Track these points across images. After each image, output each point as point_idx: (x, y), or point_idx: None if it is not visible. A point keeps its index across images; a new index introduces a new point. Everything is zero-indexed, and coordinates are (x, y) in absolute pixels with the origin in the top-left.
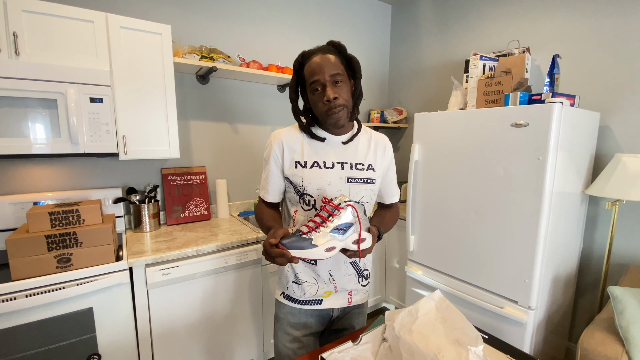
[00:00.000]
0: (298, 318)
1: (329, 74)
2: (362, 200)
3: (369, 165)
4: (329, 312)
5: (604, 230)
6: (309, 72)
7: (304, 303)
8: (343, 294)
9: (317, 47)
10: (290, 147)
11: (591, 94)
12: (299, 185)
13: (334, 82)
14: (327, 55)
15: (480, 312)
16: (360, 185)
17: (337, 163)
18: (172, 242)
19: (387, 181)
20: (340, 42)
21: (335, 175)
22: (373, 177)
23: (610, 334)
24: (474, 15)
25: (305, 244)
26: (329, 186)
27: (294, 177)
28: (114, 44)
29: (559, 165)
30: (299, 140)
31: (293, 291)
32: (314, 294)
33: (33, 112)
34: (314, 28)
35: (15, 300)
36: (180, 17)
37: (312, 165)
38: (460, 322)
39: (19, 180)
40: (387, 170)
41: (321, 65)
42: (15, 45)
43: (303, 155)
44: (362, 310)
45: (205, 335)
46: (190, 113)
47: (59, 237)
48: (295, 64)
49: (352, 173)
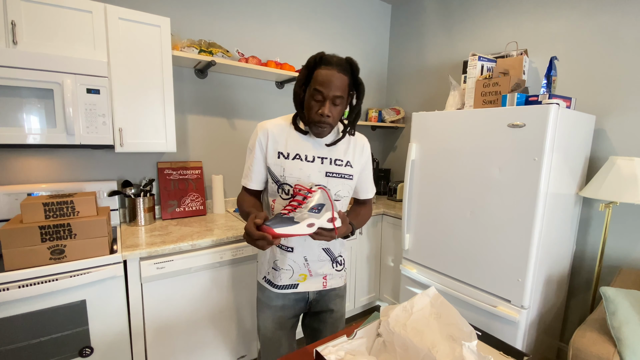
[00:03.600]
0: (276, 301)
1: (333, 93)
2: (338, 194)
3: (347, 161)
4: (305, 295)
5: (597, 231)
6: (318, 79)
7: (282, 287)
8: (318, 278)
9: (336, 58)
10: (274, 137)
11: (587, 96)
12: (280, 176)
13: (333, 101)
14: (340, 75)
15: (474, 310)
16: (338, 180)
17: (318, 157)
18: (167, 236)
19: (363, 178)
20: (357, 64)
21: (315, 169)
22: (351, 173)
23: (602, 334)
24: (473, 16)
25: (287, 222)
26: (307, 178)
27: (276, 167)
28: (112, 35)
29: (554, 166)
30: (284, 132)
31: (272, 276)
32: (290, 277)
33: (29, 102)
34: (313, 26)
35: (8, 290)
36: (180, 10)
37: (294, 157)
38: (455, 318)
39: (13, 170)
40: (364, 168)
41: (331, 82)
42: (13, 34)
43: (286, 147)
44: (339, 293)
45: (199, 329)
46: (187, 107)
47: (53, 228)
48: (310, 61)
49: (331, 168)
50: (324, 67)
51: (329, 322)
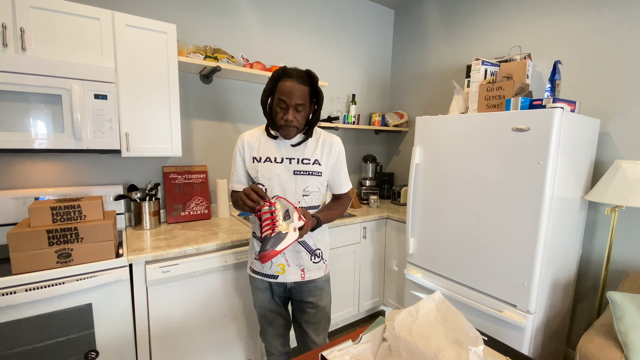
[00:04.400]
0: (261, 285)
1: (295, 102)
2: (307, 189)
3: (315, 160)
4: (283, 284)
5: (603, 236)
6: (282, 90)
7: (264, 276)
8: (296, 269)
9: (296, 72)
10: (250, 145)
11: (591, 100)
12: (254, 177)
13: (296, 108)
14: (301, 86)
15: (480, 315)
16: (306, 177)
17: (286, 158)
18: (172, 240)
19: (335, 174)
20: (315, 75)
21: (284, 169)
22: (319, 170)
23: (609, 339)
24: (475, 21)
25: (280, 237)
26: (277, 177)
27: (252, 170)
28: (119, 42)
29: (559, 170)
30: (258, 139)
31: (255, 265)
32: (270, 268)
33: (36, 107)
34: (317, 31)
35: (15, 294)
36: (186, 16)
37: (265, 160)
38: (461, 322)
39: (21, 175)
40: (335, 165)
41: (292, 92)
42: (22, 40)
43: (259, 152)
44: (318, 285)
45: (203, 333)
46: (193, 112)
47: (60, 232)
48: (275, 75)
49: (298, 167)
50: (286, 79)
51: (311, 313)
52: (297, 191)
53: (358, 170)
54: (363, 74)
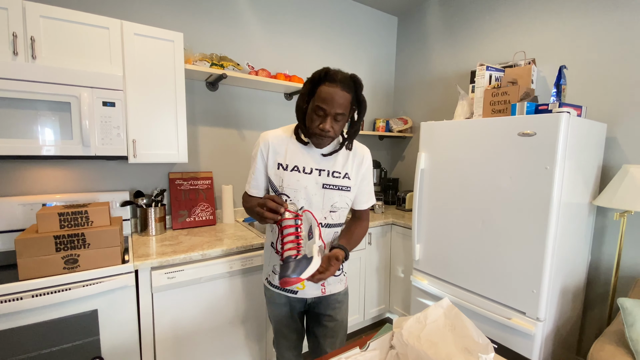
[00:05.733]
0: (277, 299)
1: (335, 110)
2: (335, 205)
3: (345, 174)
4: (303, 299)
5: (612, 241)
6: (321, 95)
7: (283, 290)
8: (316, 284)
9: (340, 75)
10: (275, 149)
11: (598, 105)
12: (279, 186)
13: (335, 118)
14: (343, 93)
15: (488, 323)
16: (334, 191)
17: (315, 169)
18: (178, 245)
19: (361, 189)
20: (360, 81)
21: (312, 180)
22: (348, 185)
23: (620, 347)
24: (479, 26)
25: (305, 263)
26: (304, 190)
27: (276, 178)
28: (127, 50)
29: (566, 175)
30: (284, 143)
31: (272, 279)
32: None
33: (44, 114)
34: (321, 38)
35: (22, 300)
36: (193, 25)
37: (292, 169)
38: (470, 329)
39: (29, 181)
40: (363, 178)
41: (333, 100)
42: (32, 49)
43: (285, 158)
44: (338, 298)
45: (209, 339)
46: (199, 119)
47: (67, 237)
48: (315, 76)
49: (328, 180)
50: (328, 83)
51: (329, 327)
52: (325, 206)
53: None
54: (367, 80)
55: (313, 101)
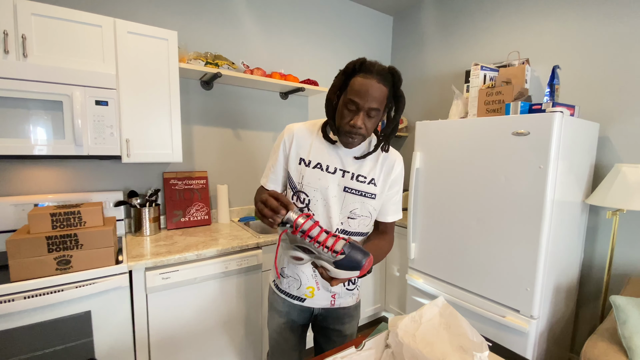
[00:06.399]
0: (282, 307)
1: (369, 105)
2: (354, 212)
3: (371, 179)
4: (310, 309)
5: (605, 240)
6: (354, 87)
7: (288, 295)
8: (326, 294)
9: (377, 67)
10: (299, 142)
11: (590, 104)
12: (298, 183)
13: (368, 113)
14: (380, 86)
15: (482, 321)
16: (356, 197)
17: (340, 170)
18: (173, 246)
19: (388, 198)
20: (400, 74)
21: (334, 181)
22: (373, 192)
23: (613, 344)
24: (474, 26)
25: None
26: (325, 190)
27: (295, 173)
28: (120, 49)
29: (559, 174)
30: (310, 137)
31: (280, 282)
32: (297, 288)
33: (36, 113)
34: (317, 37)
35: (14, 302)
36: (187, 23)
37: (314, 166)
38: (465, 328)
39: (21, 181)
40: (390, 187)
41: (368, 93)
42: (23, 47)
43: (309, 154)
44: (349, 312)
45: (204, 340)
46: (193, 118)
47: (60, 238)
48: (349, 67)
49: (351, 183)
50: (363, 75)
51: (338, 342)
52: (343, 212)
53: None
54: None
55: (345, 95)
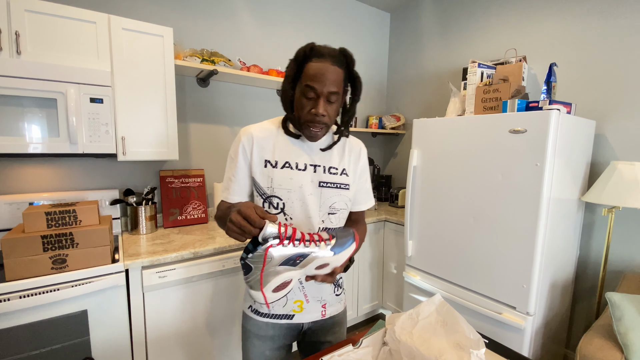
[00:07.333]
0: (265, 331)
1: (327, 89)
2: (333, 206)
3: (342, 169)
4: (299, 325)
5: (601, 237)
6: (309, 73)
7: (273, 317)
8: (316, 305)
9: (328, 49)
10: (260, 144)
11: (587, 102)
12: (267, 187)
13: (328, 98)
14: (335, 68)
15: (479, 317)
16: (332, 190)
17: (310, 165)
18: (169, 244)
19: (359, 187)
20: (352, 55)
21: (307, 178)
22: (346, 182)
23: (609, 340)
24: (472, 24)
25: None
26: (299, 189)
27: (262, 178)
28: (115, 45)
29: (556, 171)
30: (271, 137)
31: (261, 305)
32: (283, 306)
33: (30, 111)
34: (313, 34)
35: (9, 301)
36: (183, 20)
37: (283, 166)
38: (462, 325)
39: (15, 180)
40: (360, 176)
41: (324, 77)
42: (17, 44)
43: (274, 155)
44: (339, 320)
45: (201, 339)
46: (189, 115)
47: (55, 237)
48: (300, 53)
49: (325, 177)
50: (316, 59)
51: None
52: (322, 208)
53: None
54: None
55: (300, 84)
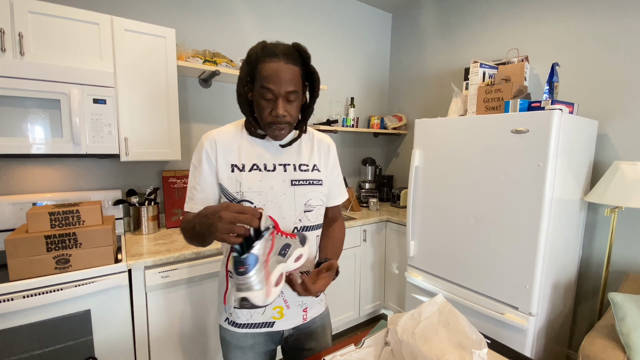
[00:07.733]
0: (244, 341)
1: (285, 89)
2: (309, 203)
3: (313, 165)
4: (280, 332)
5: (603, 237)
6: (264, 74)
7: (252, 326)
8: (297, 310)
9: (281, 47)
10: (225, 148)
11: (589, 102)
12: (236, 192)
13: (287, 98)
14: (289, 66)
15: (481, 318)
16: (306, 187)
17: (279, 165)
18: (172, 244)
19: (331, 182)
20: (306, 50)
21: (278, 178)
22: (319, 178)
23: (611, 341)
24: (473, 24)
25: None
26: (270, 190)
27: (230, 183)
28: (118, 46)
29: (558, 171)
30: (235, 141)
31: (238, 316)
32: (262, 313)
33: (33, 112)
34: (315, 35)
35: (13, 301)
36: (185, 21)
37: (251, 169)
38: (464, 325)
39: (19, 180)
40: (332, 171)
41: (280, 77)
42: (20, 45)
43: (240, 158)
44: (322, 322)
45: (204, 339)
46: (192, 116)
47: (59, 237)
48: (252, 55)
49: (296, 175)
50: (269, 59)
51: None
52: (297, 207)
53: (357, 173)
54: (361, 77)
55: (256, 85)
